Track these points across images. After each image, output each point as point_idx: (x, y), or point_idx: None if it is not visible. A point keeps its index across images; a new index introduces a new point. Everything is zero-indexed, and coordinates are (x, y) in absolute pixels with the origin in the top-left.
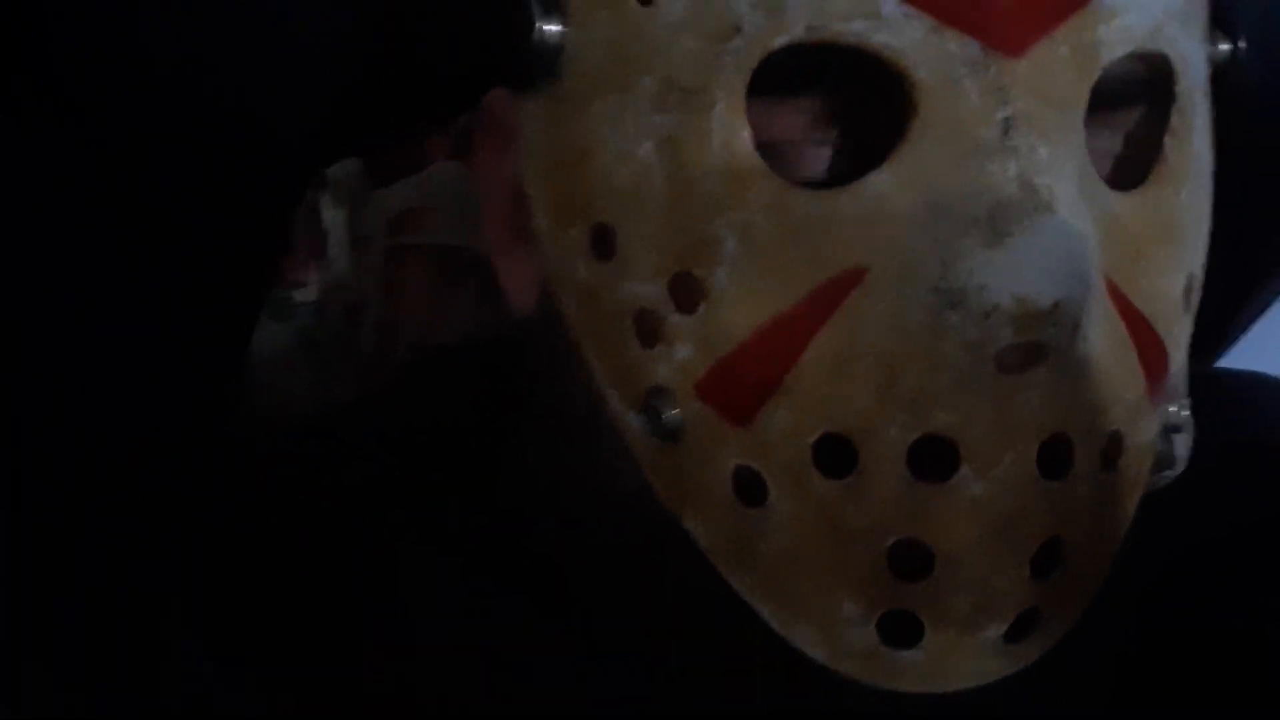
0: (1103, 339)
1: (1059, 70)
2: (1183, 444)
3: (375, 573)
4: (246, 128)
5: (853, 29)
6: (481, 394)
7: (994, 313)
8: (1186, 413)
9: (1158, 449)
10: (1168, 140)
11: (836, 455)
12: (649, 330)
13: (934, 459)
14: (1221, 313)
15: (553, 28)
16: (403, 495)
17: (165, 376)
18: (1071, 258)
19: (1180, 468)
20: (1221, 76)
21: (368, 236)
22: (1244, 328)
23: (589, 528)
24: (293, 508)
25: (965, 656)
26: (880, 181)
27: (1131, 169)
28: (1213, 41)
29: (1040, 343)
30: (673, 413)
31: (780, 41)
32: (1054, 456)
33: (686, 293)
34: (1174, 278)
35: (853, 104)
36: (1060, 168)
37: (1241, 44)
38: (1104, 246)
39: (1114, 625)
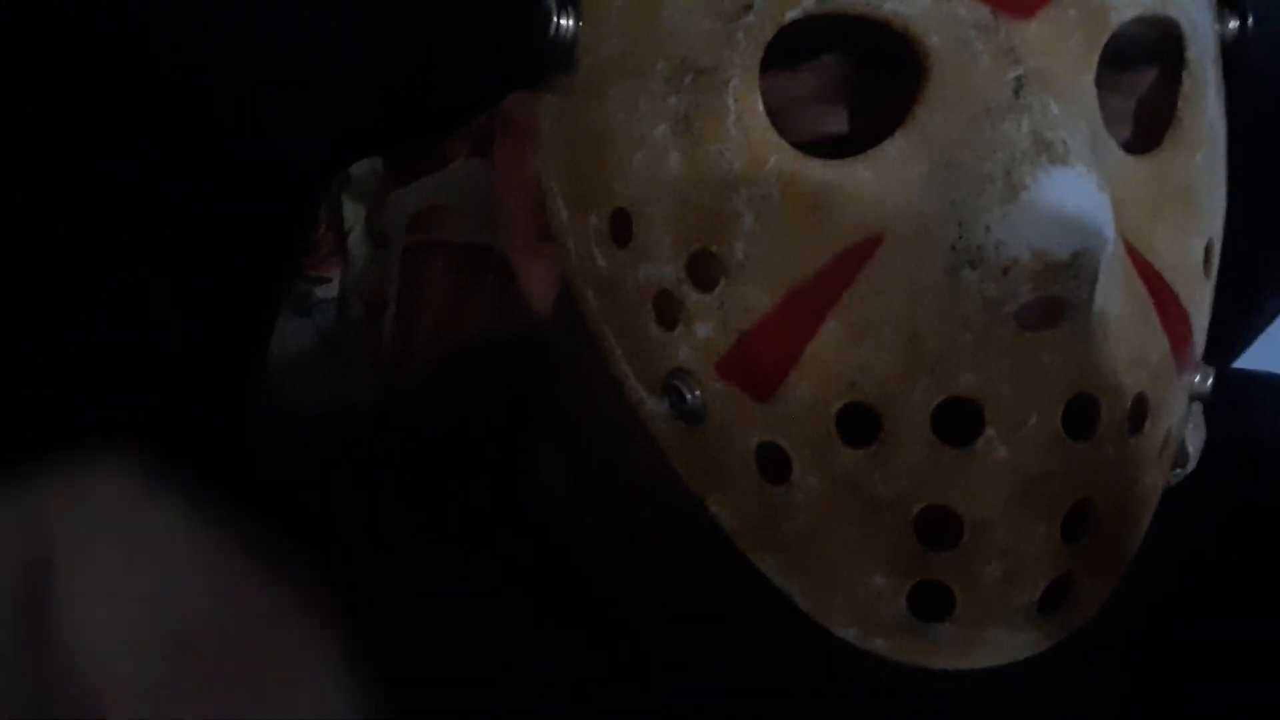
0: (1122, 298)
1: (1068, 32)
2: (1194, 442)
3: (400, 577)
4: (267, 128)
5: None
6: (504, 393)
7: (1012, 268)
8: (1210, 382)
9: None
10: (1181, 104)
11: (860, 425)
12: (669, 312)
13: (958, 423)
14: (1235, 313)
15: (568, 21)
16: (426, 497)
17: (185, 374)
18: (1088, 209)
19: (1192, 465)
20: (1231, 55)
21: (388, 234)
22: (1259, 329)
23: (614, 522)
24: (316, 510)
25: (998, 628)
26: (894, 147)
27: (1147, 132)
28: (1221, 19)
29: (1060, 298)
30: (695, 394)
31: (792, 15)
32: (1079, 416)
33: (705, 271)
34: (1192, 242)
35: (865, 72)
36: (1073, 124)
37: (1250, 21)
38: (1119, 207)
39: (1124, 625)
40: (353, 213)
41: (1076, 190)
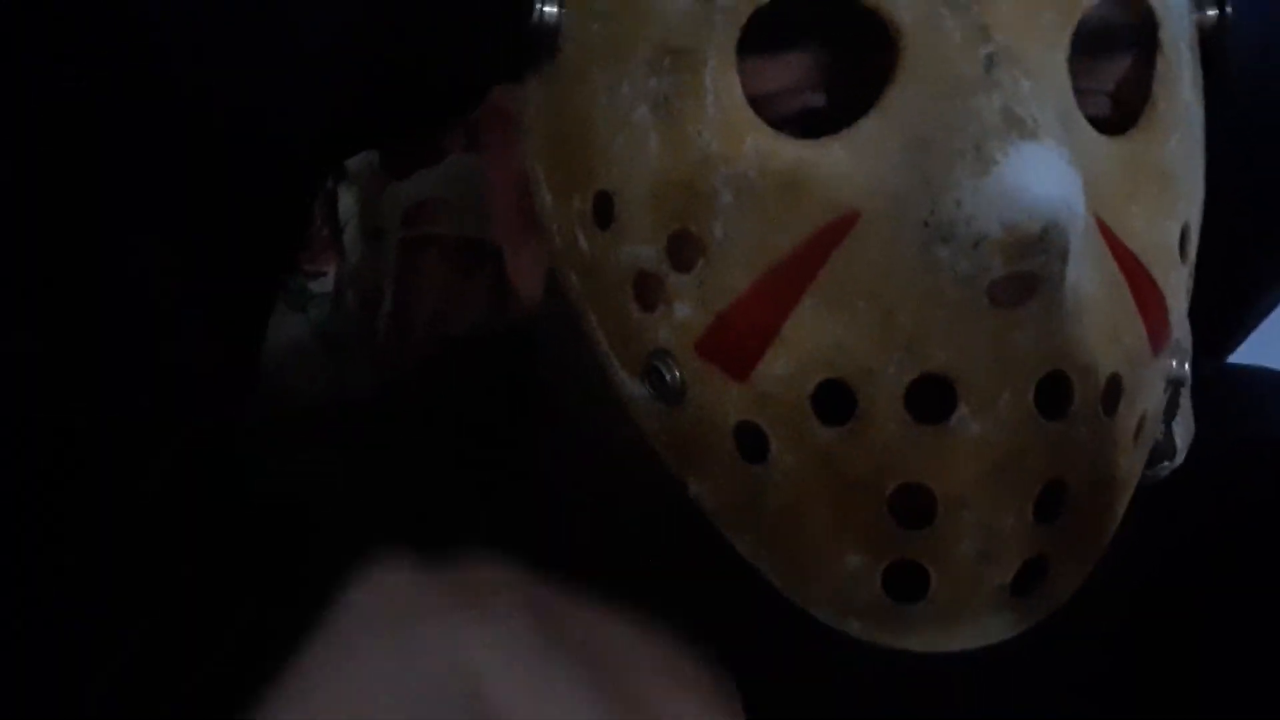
0: (1096, 277)
1: (1040, 10)
2: (1182, 434)
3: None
4: (263, 121)
5: None
6: (498, 385)
7: (983, 242)
8: (1188, 367)
9: (1160, 432)
10: (1156, 87)
11: (835, 402)
12: (649, 293)
13: (932, 401)
14: (1229, 309)
15: (551, 8)
16: (421, 489)
17: (180, 369)
18: (1058, 183)
19: (1180, 458)
20: (1210, 43)
21: (383, 228)
22: (1253, 325)
23: (599, 508)
24: (312, 502)
25: (972, 608)
26: (869, 125)
27: (1122, 117)
28: (1199, 6)
29: (1031, 273)
30: (674, 374)
31: None
32: (1052, 395)
33: (684, 251)
34: (1168, 225)
35: (841, 55)
36: (1044, 101)
37: (1229, 9)
38: (1092, 186)
39: (1114, 619)
40: (348, 206)
41: (1046, 165)
